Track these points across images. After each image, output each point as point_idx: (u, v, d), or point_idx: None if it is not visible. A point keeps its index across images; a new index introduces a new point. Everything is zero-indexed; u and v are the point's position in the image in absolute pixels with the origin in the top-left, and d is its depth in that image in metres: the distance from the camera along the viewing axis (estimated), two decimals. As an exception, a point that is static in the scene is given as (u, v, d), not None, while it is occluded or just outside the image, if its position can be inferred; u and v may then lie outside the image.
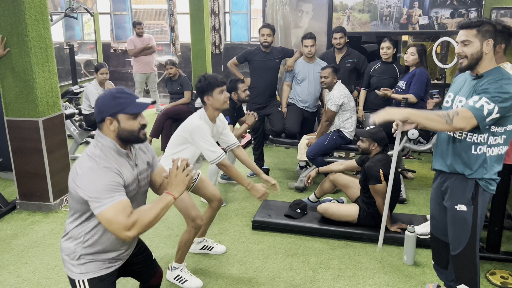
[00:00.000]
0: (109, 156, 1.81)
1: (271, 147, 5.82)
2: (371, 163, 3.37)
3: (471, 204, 2.25)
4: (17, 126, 3.92)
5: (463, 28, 2.18)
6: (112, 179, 1.75)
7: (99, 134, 1.85)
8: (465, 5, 4.93)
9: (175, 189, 1.86)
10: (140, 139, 1.88)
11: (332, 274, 3.08)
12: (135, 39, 7.45)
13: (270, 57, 4.68)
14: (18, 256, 3.33)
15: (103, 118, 1.82)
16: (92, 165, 1.75)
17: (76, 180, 1.76)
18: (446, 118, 2.06)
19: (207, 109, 2.91)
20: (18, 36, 3.70)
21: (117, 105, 1.80)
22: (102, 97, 1.84)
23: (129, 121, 1.82)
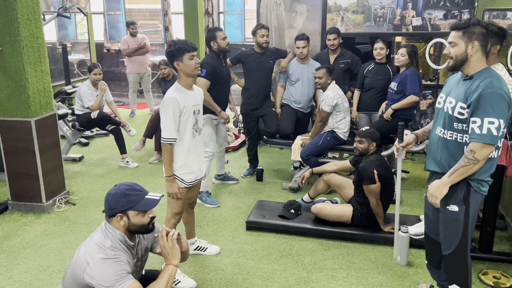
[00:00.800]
0: (118, 248, 1.92)
1: (265, 148, 5.82)
2: (365, 164, 3.38)
3: (463, 205, 2.26)
4: (9, 126, 3.89)
5: (452, 29, 2.23)
6: (122, 268, 1.86)
7: (108, 226, 1.96)
8: (458, 6, 4.96)
9: (172, 258, 1.99)
10: (149, 230, 2.01)
11: (326, 274, 3.08)
12: (129, 39, 7.42)
13: (264, 58, 4.67)
14: (10, 257, 3.30)
15: (114, 214, 1.93)
16: (103, 256, 1.87)
17: (87, 269, 1.86)
18: (473, 162, 2.12)
19: (180, 77, 2.84)
20: (10, 35, 3.67)
21: (128, 203, 1.92)
22: (113, 194, 1.95)
23: (139, 217, 1.94)
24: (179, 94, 2.78)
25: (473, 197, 2.25)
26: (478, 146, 2.11)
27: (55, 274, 3.08)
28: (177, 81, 2.87)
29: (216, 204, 4.16)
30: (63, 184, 4.28)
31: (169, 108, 2.73)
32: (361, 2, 5.18)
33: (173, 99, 2.74)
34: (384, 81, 4.57)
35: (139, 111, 8.02)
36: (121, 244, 1.95)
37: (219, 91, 4.13)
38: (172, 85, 2.87)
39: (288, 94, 4.80)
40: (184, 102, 2.78)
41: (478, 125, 2.10)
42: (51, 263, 3.22)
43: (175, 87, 2.83)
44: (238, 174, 4.97)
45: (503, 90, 2.10)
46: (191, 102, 2.84)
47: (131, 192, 1.93)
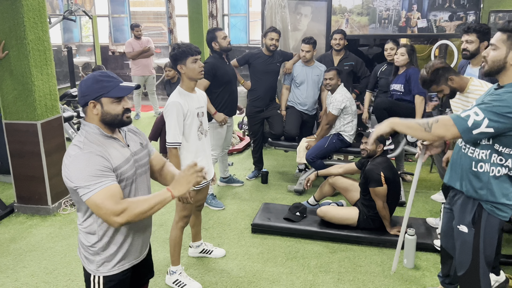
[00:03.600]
0: (93, 141, 1.76)
1: (270, 150, 5.81)
2: (372, 166, 3.36)
3: (472, 227, 2.11)
4: (15, 129, 3.90)
5: (499, 30, 1.98)
6: (99, 163, 1.70)
7: (83, 123, 1.82)
8: (463, 8, 4.94)
9: (177, 187, 1.79)
10: (124, 122, 1.83)
11: (332, 277, 3.07)
12: (133, 41, 7.44)
13: (271, 61, 4.67)
14: (16, 260, 3.31)
15: (86, 101, 1.78)
16: (76, 152, 1.71)
17: (65, 171, 1.73)
18: (425, 126, 1.96)
19: (183, 81, 2.83)
20: (16, 38, 3.69)
21: (100, 89, 1.76)
22: (85, 81, 1.80)
23: (113, 105, 1.78)
24: (182, 98, 2.79)
25: (486, 221, 2.07)
26: (444, 121, 1.93)
27: (61, 276, 3.09)
28: (180, 84, 2.86)
29: (221, 207, 4.16)
30: (69, 187, 4.28)
31: (173, 112, 2.74)
32: (366, 4, 5.17)
33: (176, 103, 2.74)
34: None
35: (144, 114, 8.04)
36: (96, 137, 1.78)
37: (227, 91, 4.14)
38: (175, 89, 2.87)
39: (293, 96, 4.79)
40: (188, 106, 2.78)
41: (467, 109, 1.94)
42: (57, 265, 3.22)
43: (178, 91, 2.83)
44: (243, 177, 4.96)
45: None
46: (194, 105, 2.84)
47: (104, 78, 1.78)
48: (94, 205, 1.69)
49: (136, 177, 1.89)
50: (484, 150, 2.01)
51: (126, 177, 1.82)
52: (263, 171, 4.83)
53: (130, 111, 1.85)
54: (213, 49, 4.13)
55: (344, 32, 4.78)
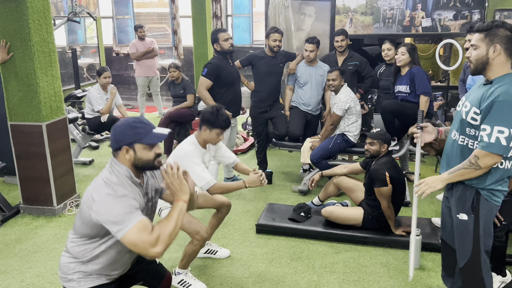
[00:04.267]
0: (125, 184, 1.84)
1: (274, 150, 5.80)
2: (377, 166, 3.36)
3: (472, 214, 2.18)
4: (20, 131, 3.92)
5: (474, 31, 2.14)
6: (129, 203, 1.78)
7: (114, 161, 1.88)
8: (468, 7, 4.92)
9: (180, 194, 1.87)
10: (155, 167, 1.92)
11: (337, 278, 3.06)
12: (137, 42, 7.46)
13: (275, 62, 4.67)
14: (22, 260, 3.32)
15: (120, 146, 1.85)
16: (109, 192, 1.78)
17: (93, 206, 1.78)
18: (474, 167, 2.08)
19: (199, 136, 2.93)
20: (21, 40, 3.71)
21: (134, 135, 1.84)
22: (119, 126, 1.87)
23: (145, 151, 1.85)
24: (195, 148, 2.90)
25: (484, 206, 2.16)
26: (483, 154, 2.06)
27: (66, 277, 3.10)
28: (196, 137, 2.94)
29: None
30: (74, 188, 4.31)
31: (192, 160, 2.80)
32: (370, 3, 5.16)
33: (192, 151, 2.85)
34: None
35: (148, 115, 8.05)
36: (127, 181, 1.85)
37: (230, 91, 4.15)
38: (189, 139, 2.95)
39: (296, 97, 4.79)
40: (201, 158, 2.89)
41: (487, 133, 2.04)
42: (62, 266, 3.23)
43: (192, 142, 2.92)
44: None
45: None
46: (205, 158, 2.97)
47: (138, 125, 1.85)
48: (130, 242, 1.74)
49: None
50: None
51: None
52: (267, 171, 4.83)
53: (161, 155, 1.93)
54: (216, 50, 4.14)
55: (346, 32, 4.76)
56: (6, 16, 3.67)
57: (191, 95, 5.74)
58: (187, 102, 5.74)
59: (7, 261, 3.31)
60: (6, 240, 3.63)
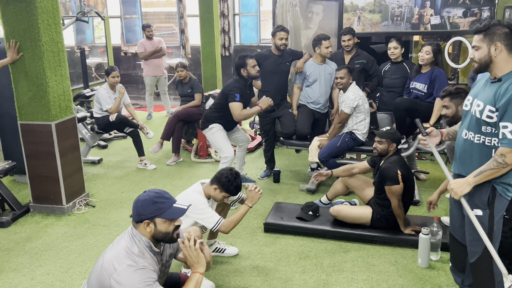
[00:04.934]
0: (145, 254, 1.93)
1: (282, 149, 5.80)
2: (388, 164, 3.33)
3: (487, 209, 2.19)
4: (30, 130, 3.95)
5: (475, 33, 2.20)
6: (149, 276, 1.88)
7: (135, 232, 1.98)
8: (477, 4, 4.87)
9: (198, 266, 2.00)
10: (173, 240, 2.02)
11: (345, 277, 3.05)
12: (145, 42, 7.49)
13: (281, 61, 4.65)
14: (32, 259, 3.35)
15: (142, 220, 1.94)
16: (131, 263, 1.89)
17: (114, 275, 1.87)
18: (502, 165, 2.09)
19: (207, 190, 2.99)
20: (31, 40, 3.74)
21: (156, 210, 1.94)
22: (142, 201, 1.97)
23: (165, 224, 1.96)
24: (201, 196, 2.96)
25: (498, 201, 2.18)
26: (508, 151, 2.07)
27: (76, 275, 3.12)
28: (204, 190, 2.99)
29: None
30: (83, 187, 4.34)
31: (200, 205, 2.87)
32: (378, 1, 5.13)
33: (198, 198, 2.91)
34: (402, 79, 4.52)
35: (156, 114, 8.08)
36: (147, 251, 1.96)
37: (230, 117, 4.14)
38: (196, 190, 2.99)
39: (305, 95, 4.76)
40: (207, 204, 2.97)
41: (510, 130, 2.05)
42: (72, 264, 3.26)
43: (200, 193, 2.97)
44: (255, 176, 4.97)
45: None
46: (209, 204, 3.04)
47: (159, 200, 1.95)
48: None
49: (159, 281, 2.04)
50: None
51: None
52: (275, 170, 4.83)
53: (179, 227, 2.03)
54: (241, 74, 4.13)
55: (353, 31, 4.73)
56: (16, 16, 3.70)
57: (198, 94, 5.75)
58: (195, 101, 5.75)
59: (17, 259, 3.34)
60: (16, 239, 3.66)
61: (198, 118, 5.83)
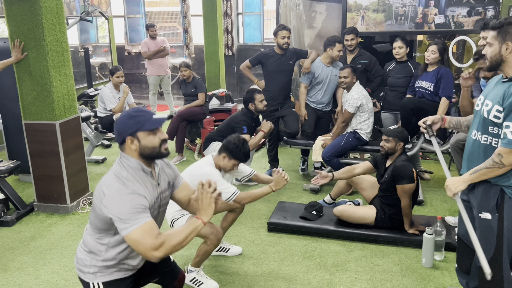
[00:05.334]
0: (136, 178, 1.84)
1: (286, 149, 5.79)
2: (402, 163, 3.29)
3: (496, 213, 2.15)
4: (34, 129, 3.97)
5: (491, 29, 2.14)
6: (138, 202, 1.79)
7: (123, 155, 1.89)
8: (482, 3, 4.84)
9: (204, 213, 1.89)
10: (163, 154, 1.91)
11: (349, 277, 3.05)
12: (149, 41, 7.50)
13: (284, 60, 4.65)
14: (36, 257, 3.37)
15: (124, 138, 1.86)
16: (119, 187, 1.79)
17: (103, 200, 1.80)
18: (498, 165, 2.07)
19: (217, 160, 2.98)
20: (35, 40, 3.75)
21: (135, 124, 1.84)
22: (119, 119, 1.90)
23: (149, 138, 1.85)
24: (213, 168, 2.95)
25: (508, 205, 2.12)
26: (506, 151, 2.04)
27: (80, 274, 3.13)
28: (215, 160, 2.99)
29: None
30: (87, 186, 4.35)
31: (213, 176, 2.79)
32: (382, 0, 5.11)
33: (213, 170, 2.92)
34: (406, 79, 4.50)
35: (159, 113, 8.10)
36: (138, 172, 1.86)
37: None
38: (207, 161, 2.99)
39: (309, 94, 4.74)
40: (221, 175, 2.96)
41: (508, 129, 2.03)
42: (76, 263, 3.27)
43: (211, 164, 2.96)
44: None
45: None
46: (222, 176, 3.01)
47: (137, 114, 1.86)
48: (133, 241, 1.76)
49: (158, 214, 1.98)
50: None
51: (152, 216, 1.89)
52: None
53: (167, 141, 1.93)
54: (249, 108, 4.26)
55: (356, 30, 4.71)
56: (20, 16, 3.71)
57: (202, 93, 5.75)
58: (198, 101, 5.75)
59: (22, 258, 3.36)
60: (20, 238, 3.68)
61: (202, 118, 5.84)
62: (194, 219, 1.87)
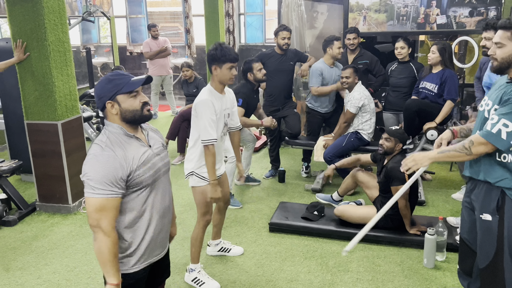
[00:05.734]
0: (115, 142, 1.78)
1: (287, 149, 5.79)
2: (394, 164, 3.30)
3: (496, 214, 2.13)
4: (36, 129, 3.98)
5: (500, 28, 2.06)
6: (113, 171, 1.73)
7: (106, 123, 1.85)
8: (484, 3, 4.84)
9: (108, 276, 1.81)
10: (145, 116, 1.85)
11: (350, 277, 3.04)
12: (151, 41, 7.51)
13: (285, 60, 4.65)
14: (38, 257, 3.37)
15: (104, 103, 1.81)
16: (96, 151, 1.75)
17: (83, 165, 1.77)
18: (466, 151, 2.07)
19: (213, 81, 2.84)
20: (37, 40, 3.76)
21: (113, 87, 1.80)
22: (98, 84, 1.84)
23: (129, 100, 1.81)
24: (212, 96, 2.78)
25: (509, 207, 2.09)
26: (479, 140, 2.04)
27: (82, 274, 3.14)
28: (210, 83, 2.86)
29: (238, 206, 4.17)
30: (89, 186, 4.35)
31: (206, 110, 2.72)
32: (384, 1, 5.11)
33: (208, 101, 2.73)
34: (408, 79, 4.51)
35: (161, 113, 8.10)
36: (119, 137, 1.80)
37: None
38: (205, 88, 2.86)
39: (313, 98, 4.72)
40: (217, 105, 2.79)
41: (493, 122, 2.00)
42: (78, 263, 3.27)
43: (208, 90, 2.82)
44: (260, 176, 4.97)
45: None
46: (222, 106, 2.84)
47: (115, 77, 1.82)
48: (91, 206, 1.74)
49: (156, 179, 1.89)
50: None
51: (142, 180, 1.82)
52: (280, 170, 4.82)
53: (149, 104, 1.88)
54: (247, 79, 4.18)
55: (358, 30, 4.71)
56: (22, 16, 3.72)
57: (204, 93, 5.75)
58: (200, 101, 5.74)
59: (24, 258, 3.36)
60: (22, 237, 3.69)
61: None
62: (116, 276, 1.79)
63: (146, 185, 1.85)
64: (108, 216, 1.74)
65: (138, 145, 1.84)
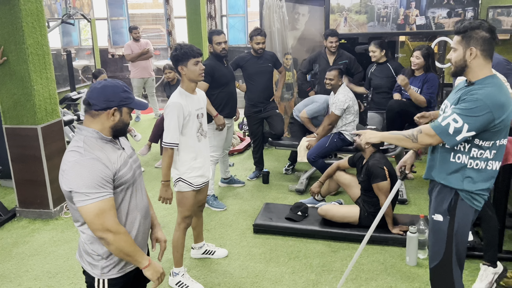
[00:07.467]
0: (93, 146, 1.76)
1: (271, 150, 5.81)
2: (374, 161, 3.35)
3: (448, 215, 2.12)
4: (15, 134, 3.91)
5: (455, 33, 2.10)
6: (100, 172, 1.71)
7: (79, 127, 1.82)
8: (461, 4, 4.93)
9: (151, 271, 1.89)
10: (126, 133, 1.96)
11: (334, 276, 3.07)
12: (132, 44, 7.45)
13: (263, 62, 4.66)
14: (19, 264, 3.31)
15: (109, 106, 1.79)
16: (76, 158, 1.70)
17: (63, 177, 1.72)
18: (412, 137, 2.10)
19: (183, 82, 2.84)
20: (15, 43, 3.70)
21: (127, 98, 1.83)
22: (112, 87, 1.81)
23: (127, 115, 1.88)
24: (183, 98, 2.79)
25: (461, 209, 2.09)
26: (427, 130, 2.05)
27: (64, 280, 3.09)
28: (180, 85, 2.87)
29: (222, 208, 4.16)
30: (70, 190, 4.29)
31: (174, 113, 2.73)
32: (364, 2, 5.17)
33: (177, 103, 2.74)
34: (387, 79, 4.59)
35: (144, 116, 8.04)
36: (95, 141, 1.77)
37: (225, 93, 4.13)
38: (176, 90, 2.87)
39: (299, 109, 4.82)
40: (188, 107, 2.78)
41: (445, 115, 2.01)
42: (59, 269, 3.22)
43: (179, 92, 2.83)
44: (244, 177, 4.97)
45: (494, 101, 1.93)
46: (194, 106, 2.84)
47: (129, 90, 1.87)
48: (87, 215, 1.70)
49: (135, 179, 1.91)
50: (463, 142, 2.05)
51: (126, 180, 1.83)
52: (264, 171, 4.83)
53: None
54: (210, 51, 4.16)
55: (337, 32, 4.86)
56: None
57: (186, 96, 5.72)
58: (183, 103, 5.72)
59: (4, 265, 3.30)
60: (2, 244, 3.62)
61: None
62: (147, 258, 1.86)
63: (129, 185, 1.86)
64: (110, 216, 1.73)
65: (114, 148, 1.84)
